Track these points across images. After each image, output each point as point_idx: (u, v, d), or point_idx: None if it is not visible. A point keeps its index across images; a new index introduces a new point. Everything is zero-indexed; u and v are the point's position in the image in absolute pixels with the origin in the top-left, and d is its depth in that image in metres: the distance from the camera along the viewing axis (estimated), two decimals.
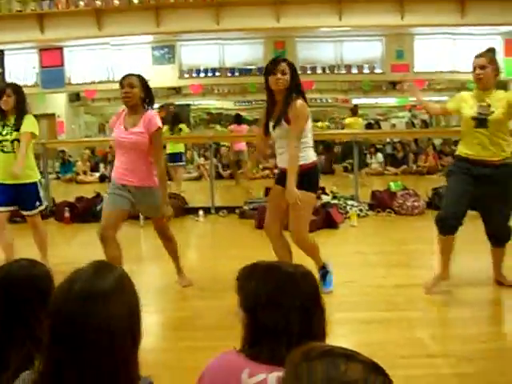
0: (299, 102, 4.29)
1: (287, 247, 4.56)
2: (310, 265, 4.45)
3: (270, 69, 4.35)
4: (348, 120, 13.09)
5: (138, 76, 4.59)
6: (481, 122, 4.36)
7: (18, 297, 1.83)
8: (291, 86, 4.34)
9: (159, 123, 4.49)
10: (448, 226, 4.46)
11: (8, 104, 5.14)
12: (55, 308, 1.42)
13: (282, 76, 4.29)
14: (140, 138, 4.45)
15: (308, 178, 4.36)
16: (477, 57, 4.43)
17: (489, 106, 4.35)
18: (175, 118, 12.37)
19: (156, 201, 4.61)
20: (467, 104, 4.49)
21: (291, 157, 4.28)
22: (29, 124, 5.18)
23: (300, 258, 4.33)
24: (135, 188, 4.59)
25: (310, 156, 4.40)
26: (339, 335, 3.65)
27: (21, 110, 5.20)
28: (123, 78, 4.57)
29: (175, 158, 12.08)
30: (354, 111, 13.32)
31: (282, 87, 4.32)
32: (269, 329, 1.56)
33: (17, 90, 5.26)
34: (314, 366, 0.85)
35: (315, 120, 12.63)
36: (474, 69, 4.40)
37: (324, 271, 4.67)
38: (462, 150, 4.57)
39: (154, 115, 4.51)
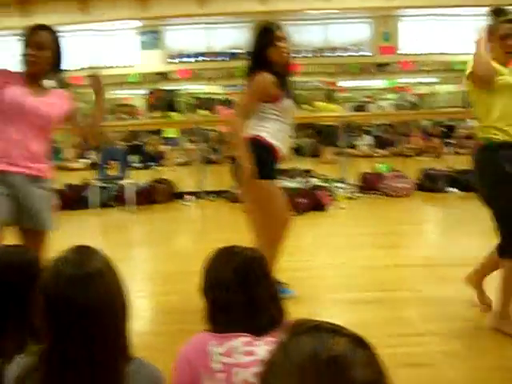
0: None
1: None
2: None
3: (271, 36, 3.53)
4: (318, 104, 12.98)
5: (53, 32, 3.25)
6: None
7: (11, 283, 1.81)
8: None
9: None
10: None
11: None
12: (53, 295, 1.40)
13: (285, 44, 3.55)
14: (55, 111, 3.22)
15: None
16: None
17: None
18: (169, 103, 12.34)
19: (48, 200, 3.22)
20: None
21: None
22: None
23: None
24: (25, 178, 3.10)
25: None
26: (327, 316, 3.68)
27: None
28: (31, 32, 3.12)
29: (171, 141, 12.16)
30: (329, 96, 13.27)
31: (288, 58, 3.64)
32: (215, 305, 1.72)
33: None
34: (302, 341, 0.87)
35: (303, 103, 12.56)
36: (506, 36, 3.27)
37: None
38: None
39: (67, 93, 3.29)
